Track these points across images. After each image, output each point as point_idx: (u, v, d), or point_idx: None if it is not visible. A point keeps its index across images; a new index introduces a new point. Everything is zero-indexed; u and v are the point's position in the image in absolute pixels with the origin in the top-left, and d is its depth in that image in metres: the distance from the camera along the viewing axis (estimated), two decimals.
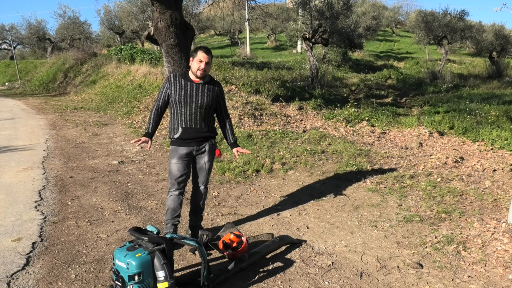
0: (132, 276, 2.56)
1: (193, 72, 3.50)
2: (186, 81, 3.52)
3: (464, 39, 20.84)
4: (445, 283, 3.10)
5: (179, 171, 3.58)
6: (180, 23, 9.11)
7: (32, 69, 29.31)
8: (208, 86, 3.57)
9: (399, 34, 41.86)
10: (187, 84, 3.51)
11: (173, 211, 3.68)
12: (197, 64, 3.45)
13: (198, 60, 3.44)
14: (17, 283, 3.12)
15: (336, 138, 7.86)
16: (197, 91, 3.51)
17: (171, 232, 3.68)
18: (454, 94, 15.43)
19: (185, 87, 3.50)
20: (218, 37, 40.66)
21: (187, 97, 3.48)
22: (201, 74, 3.47)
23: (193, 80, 3.53)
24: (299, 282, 3.14)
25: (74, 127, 10.24)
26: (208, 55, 3.46)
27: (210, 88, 3.57)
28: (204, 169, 3.70)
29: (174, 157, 3.59)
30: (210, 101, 3.56)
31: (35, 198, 5.03)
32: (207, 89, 3.55)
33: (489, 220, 4.10)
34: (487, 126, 8.51)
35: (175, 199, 3.66)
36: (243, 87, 11.97)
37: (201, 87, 3.53)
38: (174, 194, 3.66)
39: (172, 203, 3.67)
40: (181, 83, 3.50)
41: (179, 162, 3.58)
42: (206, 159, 3.67)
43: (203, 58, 3.43)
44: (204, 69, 3.46)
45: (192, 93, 3.49)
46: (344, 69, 22.94)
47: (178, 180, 3.61)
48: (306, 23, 15.57)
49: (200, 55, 3.44)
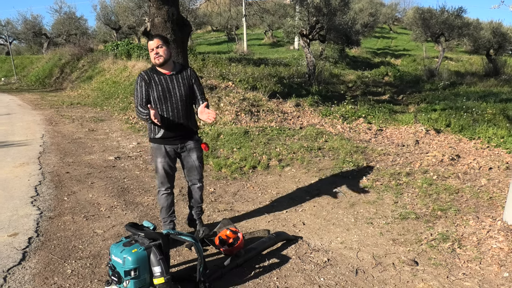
0: (128, 272, 2.56)
1: (154, 63, 3.37)
2: (158, 75, 3.38)
3: (461, 37, 20.84)
4: (440, 280, 3.12)
5: (165, 169, 3.53)
6: (177, 18, 9.07)
7: (28, 64, 29.14)
8: (181, 75, 3.45)
9: (396, 31, 41.87)
10: (160, 78, 3.38)
11: (168, 209, 3.68)
12: (151, 54, 3.33)
13: (150, 50, 3.33)
14: (13, 278, 3.12)
15: (332, 135, 7.87)
16: (172, 83, 3.39)
17: (171, 228, 3.67)
18: (451, 92, 15.45)
19: (160, 81, 3.37)
20: (215, 33, 40.54)
21: (165, 91, 3.37)
22: (160, 60, 3.31)
23: (164, 73, 3.40)
24: (295, 278, 3.15)
25: (70, 122, 10.21)
26: (154, 40, 3.30)
27: (185, 76, 3.46)
28: (195, 167, 3.64)
29: (159, 155, 3.50)
30: (187, 90, 3.45)
31: (31, 194, 5.02)
32: (181, 79, 3.44)
33: (484, 218, 4.12)
34: (484, 124, 8.54)
35: (167, 197, 3.65)
36: (240, 83, 11.96)
37: (175, 78, 3.41)
38: (165, 193, 3.64)
39: (165, 202, 3.66)
40: (155, 79, 3.37)
41: (164, 161, 3.50)
42: (195, 156, 3.60)
43: (151, 45, 3.30)
44: (158, 53, 3.30)
45: (169, 86, 3.38)
46: (341, 66, 22.92)
47: (166, 178, 3.57)
48: (303, 20, 15.54)
49: (149, 45, 3.33)
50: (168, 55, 3.36)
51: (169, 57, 3.38)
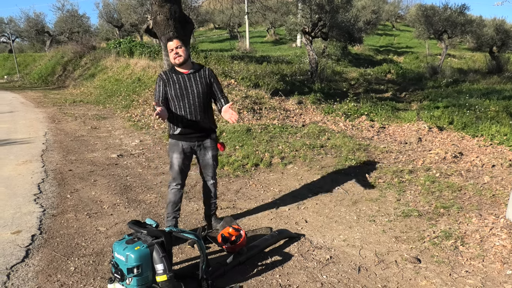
0: (131, 269, 2.57)
1: (174, 63, 3.50)
2: (177, 74, 3.52)
3: (464, 34, 20.78)
4: (442, 278, 3.11)
5: (179, 165, 3.62)
6: (179, 16, 9.06)
7: (31, 62, 29.21)
8: (199, 74, 3.57)
9: (399, 28, 41.75)
10: (179, 77, 3.52)
11: (174, 205, 3.73)
12: (171, 54, 3.46)
13: (169, 50, 3.46)
14: (17, 275, 3.13)
15: (335, 132, 7.86)
16: (190, 81, 3.52)
17: (173, 225, 3.72)
18: (453, 89, 15.40)
19: (178, 80, 3.51)
20: (218, 31, 40.52)
21: (182, 89, 3.49)
22: (179, 60, 3.45)
23: (183, 72, 3.53)
24: (297, 275, 3.16)
25: (73, 120, 10.23)
26: (172, 41, 3.44)
27: (202, 75, 3.57)
28: (210, 165, 3.74)
29: (175, 151, 3.61)
30: (205, 88, 3.56)
31: (34, 191, 5.03)
32: (198, 77, 3.55)
33: (487, 215, 4.11)
34: (487, 122, 8.50)
35: (176, 193, 3.70)
36: (242, 81, 11.95)
37: (193, 76, 3.54)
38: (175, 188, 3.70)
39: (173, 197, 3.71)
40: (173, 78, 3.51)
41: (180, 157, 3.60)
42: (210, 154, 3.70)
43: (171, 46, 3.43)
44: (178, 53, 3.44)
45: (186, 85, 3.50)
46: (344, 63, 22.90)
47: (179, 174, 3.65)
48: (306, 17, 15.50)
49: (168, 45, 3.46)
50: (187, 55, 3.50)
51: (187, 57, 3.51)
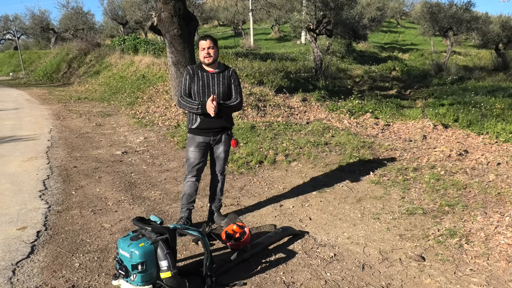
0: (135, 266, 2.57)
1: (203, 62, 3.62)
2: (202, 72, 3.64)
3: (470, 31, 20.64)
4: (447, 276, 3.10)
5: (196, 158, 3.74)
6: (183, 13, 9.07)
7: (36, 59, 29.30)
8: (223, 74, 3.68)
9: (404, 25, 41.57)
10: (203, 75, 3.63)
11: (189, 197, 3.84)
12: (202, 52, 3.57)
13: (201, 49, 3.57)
14: (22, 271, 3.15)
15: (339, 130, 7.84)
16: (213, 80, 3.64)
17: (186, 216, 3.84)
18: (459, 87, 15.32)
19: (202, 78, 3.62)
20: (222, 28, 40.46)
21: (205, 87, 3.61)
22: (209, 60, 3.58)
23: (208, 71, 3.65)
24: (301, 273, 3.16)
25: (78, 117, 10.26)
26: (206, 40, 3.57)
27: (225, 76, 3.69)
28: (221, 158, 3.86)
29: (191, 145, 3.73)
30: (226, 89, 3.68)
31: (40, 188, 5.06)
32: (222, 78, 3.67)
33: (492, 213, 4.09)
34: (492, 119, 8.46)
35: (191, 185, 3.83)
36: (247, 78, 11.94)
37: (217, 76, 3.65)
38: (190, 181, 3.82)
39: (189, 189, 3.82)
40: (199, 74, 3.63)
41: (196, 150, 3.73)
42: (222, 148, 3.81)
43: (203, 45, 3.56)
44: (209, 54, 3.56)
45: (209, 83, 3.62)
46: (348, 60, 22.81)
47: (195, 167, 3.77)
48: (310, 14, 15.46)
49: (200, 44, 3.59)
50: (216, 56, 3.63)
51: (216, 58, 3.64)
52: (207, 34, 3.74)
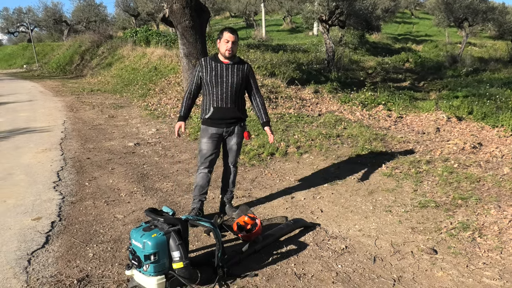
0: (148, 256, 2.60)
1: (222, 53, 3.62)
2: (216, 62, 3.64)
3: (486, 21, 20.28)
4: (459, 269, 3.08)
5: (208, 150, 3.74)
6: (195, 4, 9.05)
7: (49, 51, 29.58)
8: (238, 66, 3.69)
9: (418, 16, 40.97)
10: (217, 65, 3.63)
11: (201, 188, 3.84)
12: (225, 44, 3.56)
13: (225, 40, 3.55)
14: (37, 260, 3.21)
15: (351, 122, 7.79)
16: (227, 71, 3.64)
17: (198, 207, 3.85)
18: (474, 79, 15.09)
19: (216, 68, 3.63)
20: (233, 19, 40.34)
21: (218, 77, 3.61)
22: (229, 54, 3.58)
23: (222, 62, 3.65)
24: (312, 265, 3.16)
25: (90, 109, 10.36)
26: (234, 35, 3.57)
27: (240, 68, 3.70)
28: (233, 150, 3.87)
29: (204, 136, 3.75)
30: (240, 80, 3.69)
31: (54, 179, 5.13)
32: (236, 69, 3.67)
33: (506, 207, 4.04)
34: (507, 112, 8.31)
35: (203, 177, 3.82)
36: (258, 69, 11.91)
37: (231, 67, 3.65)
38: (203, 172, 3.82)
39: (201, 180, 3.82)
40: (212, 65, 3.63)
41: (209, 142, 3.73)
42: (235, 140, 3.82)
43: (229, 38, 3.55)
44: (231, 49, 3.56)
45: (223, 73, 3.63)
46: (361, 52, 22.61)
47: (208, 158, 3.77)
48: (323, 5, 15.31)
49: (226, 35, 3.55)
50: (236, 51, 3.66)
51: (235, 53, 3.68)
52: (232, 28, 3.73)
